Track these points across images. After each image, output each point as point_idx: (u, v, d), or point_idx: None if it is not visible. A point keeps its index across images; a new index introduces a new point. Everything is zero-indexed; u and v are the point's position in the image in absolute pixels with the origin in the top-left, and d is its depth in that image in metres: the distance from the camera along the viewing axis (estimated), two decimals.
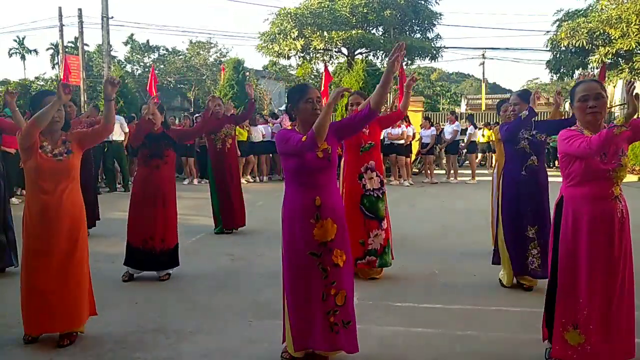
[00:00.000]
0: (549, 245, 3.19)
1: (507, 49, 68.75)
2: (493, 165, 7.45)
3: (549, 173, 4.67)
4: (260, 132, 13.13)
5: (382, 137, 12.54)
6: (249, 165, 13.07)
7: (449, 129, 13.21)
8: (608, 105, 2.99)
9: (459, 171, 13.70)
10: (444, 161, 14.65)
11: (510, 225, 4.48)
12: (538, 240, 4.36)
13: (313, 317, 2.94)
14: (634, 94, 2.61)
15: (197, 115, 15.08)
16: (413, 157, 13.83)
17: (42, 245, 3.36)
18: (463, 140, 14.00)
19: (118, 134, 11.01)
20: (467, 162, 13.37)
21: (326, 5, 19.16)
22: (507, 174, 4.53)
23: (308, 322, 2.95)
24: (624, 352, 2.89)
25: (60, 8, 22.90)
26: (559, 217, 2.98)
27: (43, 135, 3.36)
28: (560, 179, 3.04)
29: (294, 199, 3.00)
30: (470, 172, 13.27)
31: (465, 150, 14.09)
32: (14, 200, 9.08)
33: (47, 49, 46.08)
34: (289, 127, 4.96)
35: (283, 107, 15.36)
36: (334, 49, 20.07)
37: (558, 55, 17.23)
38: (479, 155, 15.37)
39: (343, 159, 5.13)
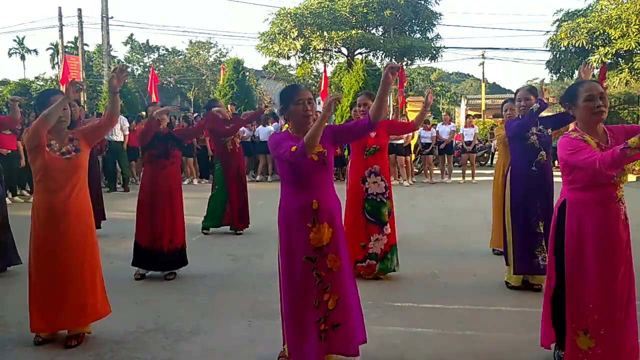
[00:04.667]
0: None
1: (507, 49, 68.76)
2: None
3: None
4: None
5: None
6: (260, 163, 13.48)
7: (446, 129, 13.22)
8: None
9: (453, 171, 13.76)
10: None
11: (520, 222, 4.39)
12: (545, 236, 4.21)
13: (306, 325, 2.90)
14: None
15: (196, 115, 15.09)
16: (412, 157, 13.83)
17: (48, 245, 3.34)
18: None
19: (118, 134, 11.01)
20: (468, 162, 13.36)
21: (326, 5, 19.15)
22: (516, 170, 4.45)
23: (301, 331, 2.91)
24: (632, 353, 2.88)
25: (60, 8, 22.92)
26: (562, 221, 2.92)
27: (50, 134, 3.34)
28: (560, 179, 3.04)
29: (290, 202, 2.94)
30: (465, 172, 13.32)
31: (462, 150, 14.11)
32: (13, 198, 9.10)
33: (47, 49, 46.17)
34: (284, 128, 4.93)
35: None
36: (334, 49, 20.07)
37: (558, 55, 17.26)
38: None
39: (350, 161, 5.14)
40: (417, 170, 14.69)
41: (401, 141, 12.50)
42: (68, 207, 3.32)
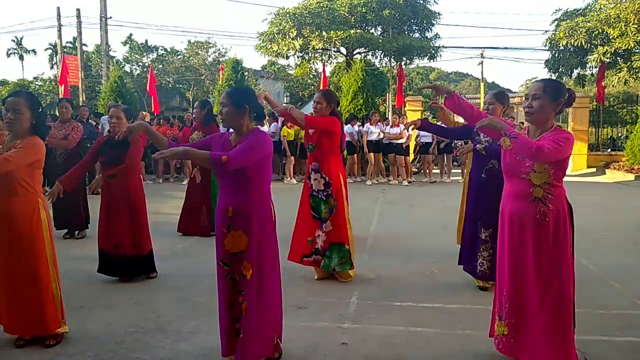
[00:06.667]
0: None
1: (506, 48, 68.77)
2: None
3: None
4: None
5: (380, 137, 12.60)
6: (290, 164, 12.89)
7: None
8: None
9: (452, 170, 13.77)
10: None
11: (467, 225, 4.56)
12: (492, 243, 4.29)
13: (226, 320, 2.96)
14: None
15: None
16: (412, 156, 13.83)
17: None
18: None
19: None
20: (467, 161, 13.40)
21: (325, 5, 19.12)
22: (471, 175, 4.61)
23: (223, 324, 2.97)
24: (552, 351, 2.82)
25: (58, 8, 22.94)
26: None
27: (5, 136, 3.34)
28: None
29: (217, 204, 2.98)
30: (464, 171, 13.32)
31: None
32: None
33: (46, 49, 46.17)
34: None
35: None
36: (333, 49, 20.06)
37: (557, 55, 17.25)
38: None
39: None
40: (416, 170, 14.71)
41: (401, 141, 12.52)
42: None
